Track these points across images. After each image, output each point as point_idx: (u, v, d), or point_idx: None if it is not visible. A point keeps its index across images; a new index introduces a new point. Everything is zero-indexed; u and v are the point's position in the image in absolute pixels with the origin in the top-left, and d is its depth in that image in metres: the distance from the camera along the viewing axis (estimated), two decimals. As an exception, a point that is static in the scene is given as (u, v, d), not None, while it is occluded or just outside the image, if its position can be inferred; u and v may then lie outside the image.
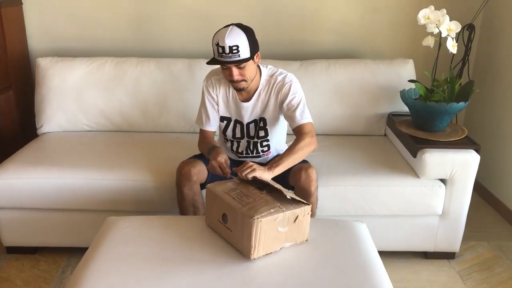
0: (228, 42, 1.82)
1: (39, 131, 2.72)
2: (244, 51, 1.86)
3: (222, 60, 1.86)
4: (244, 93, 2.05)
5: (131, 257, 1.52)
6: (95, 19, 2.95)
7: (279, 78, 2.04)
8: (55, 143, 2.58)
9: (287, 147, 2.31)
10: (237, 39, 1.84)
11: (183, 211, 2.04)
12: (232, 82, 1.95)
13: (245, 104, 2.06)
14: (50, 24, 2.95)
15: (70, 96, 2.66)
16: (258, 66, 2.05)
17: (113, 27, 2.96)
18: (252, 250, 1.48)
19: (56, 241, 2.33)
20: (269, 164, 1.82)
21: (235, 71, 1.90)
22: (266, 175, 1.74)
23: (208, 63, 1.94)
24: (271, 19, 2.96)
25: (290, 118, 2.02)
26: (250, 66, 1.93)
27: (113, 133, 2.71)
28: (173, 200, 2.10)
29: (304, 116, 2.00)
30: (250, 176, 1.70)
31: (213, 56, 1.92)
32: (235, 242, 1.55)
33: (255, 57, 1.93)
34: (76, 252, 2.35)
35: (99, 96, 2.66)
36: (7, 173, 2.22)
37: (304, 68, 2.70)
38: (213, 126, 2.14)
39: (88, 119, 2.69)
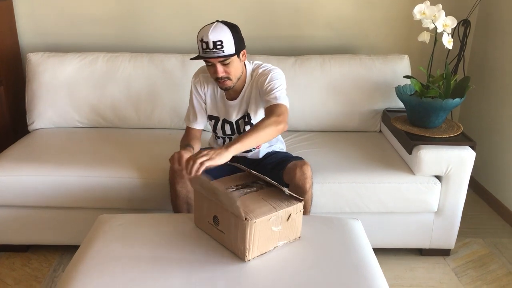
0: (212, 37, 1.80)
1: (30, 128, 2.69)
2: (229, 47, 1.83)
3: (206, 56, 1.84)
4: (232, 92, 2.02)
5: (123, 256, 1.50)
6: (87, 14, 2.91)
7: (260, 71, 2.00)
8: (46, 139, 2.55)
9: (283, 142, 2.30)
10: (222, 35, 1.81)
11: (176, 209, 2.02)
12: (217, 80, 1.91)
13: (232, 102, 2.03)
14: (41, 18, 2.91)
15: (62, 92, 2.63)
16: (245, 65, 2.01)
17: (105, 22, 2.93)
18: (247, 252, 1.46)
19: (48, 239, 2.31)
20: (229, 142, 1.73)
21: (220, 68, 1.86)
22: (220, 160, 1.62)
23: (192, 58, 1.91)
24: (265, 14, 2.93)
25: (265, 102, 1.91)
26: (235, 63, 1.89)
27: (105, 129, 2.68)
28: (166, 197, 2.08)
29: (278, 99, 1.87)
30: (200, 171, 1.58)
31: (198, 53, 1.90)
32: (228, 244, 1.52)
33: (240, 54, 1.90)
34: (68, 250, 2.33)
35: (91, 92, 2.63)
36: (-3, 170, 2.19)
37: (299, 64, 2.68)
38: (199, 124, 2.11)
39: (80, 115, 2.66)
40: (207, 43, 1.80)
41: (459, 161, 2.18)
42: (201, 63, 2.00)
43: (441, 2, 2.28)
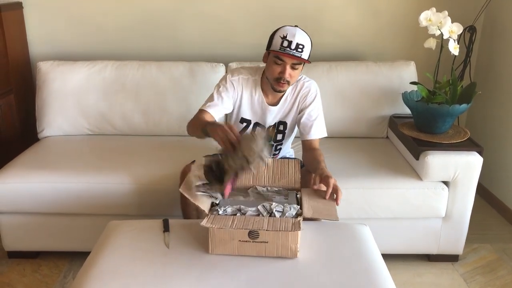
0: (298, 39, 1.84)
1: (40, 135, 2.71)
2: (306, 53, 1.88)
3: (285, 53, 1.84)
4: (271, 97, 2.04)
5: (134, 262, 1.51)
6: (96, 23, 2.95)
7: (306, 84, 2.04)
8: (56, 147, 2.58)
9: (292, 151, 2.32)
10: (305, 40, 1.87)
11: (186, 215, 2.03)
12: (277, 80, 1.90)
13: (272, 107, 2.05)
14: (50, 27, 2.95)
15: (71, 100, 2.66)
16: None
17: (113, 31, 2.96)
18: (299, 247, 1.51)
19: (58, 245, 2.33)
20: (325, 174, 1.76)
21: (288, 70, 1.88)
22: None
23: (267, 50, 1.92)
24: (272, 21, 2.92)
25: (305, 126, 2.02)
26: (298, 72, 1.93)
27: (114, 136, 2.71)
28: (176, 203, 2.09)
29: (320, 132, 2.03)
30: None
31: (267, 47, 1.92)
32: (272, 251, 1.52)
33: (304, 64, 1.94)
34: (78, 257, 2.35)
35: (100, 100, 2.66)
36: (8, 177, 2.21)
37: (305, 70, 2.67)
38: (217, 112, 1.98)
39: (89, 122, 2.69)
40: (290, 42, 1.83)
41: (467, 166, 2.18)
42: (214, 82, 2.03)
43: (447, 8, 2.29)
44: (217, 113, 1.99)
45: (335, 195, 1.69)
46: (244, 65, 2.46)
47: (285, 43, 1.84)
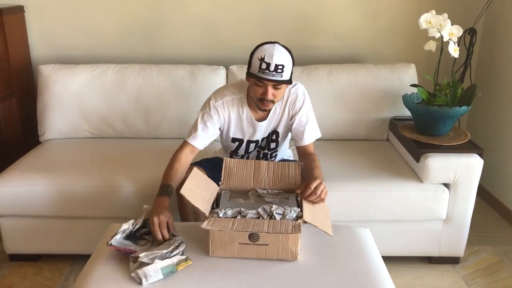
0: (276, 60, 1.75)
1: (41, 138, 2.72)
2: (287, 73, 1.80)
3: (263, 76, 1.77)
4: (259, 112, 1.98)
5: (134, 264, 1.52)
6: (97, 26, 2.96)
7: (292, 90, 1.98)
8: (57, 150, 2.59)
9: (290, 152, 2.32)
10: (284, 59, 1.78)
11: (184, 218, 2.04)
12: (261, 100, 1.86)
13: (261, 123, 2.01)
14: (52, 31, 2.96)
15: (72, 103, 2.66)
16: None
17: (115, 34, 2.97)
18: (299, 249, 1.52)
19: (59, 248, 2.33)
20: (313, 179, 1.74)
21: (271, 90, 1.81)
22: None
23: (247, 75, 1.84)
24: (272, 24, 2.96)
25: (297, 132, 2.00)
26: (283, 90, 1.88)
27: (115, 139, 2.71)
28: (174, 206, 2.09)
29: (312, 136, 2.02)
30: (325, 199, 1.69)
31: (247, 69, 1.84)
32: (272, 253, 1.52)
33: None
34: (79, 259, 2.35)
35: (101, 103, 2.67)
36: (10, 180, 2.22)
37: (306, 73, 2.70)
38: (201, 142, 1.96)
39: (90, 126, 2.69)
40: (269, 64, 1.74)
41: (467, 168, 2.18)
42: (214, 85, 2.03)
43: (447, 11, 2.29)
44: (201, 143, 1.97)
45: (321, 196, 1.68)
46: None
47: (264, 66, 1.75)
